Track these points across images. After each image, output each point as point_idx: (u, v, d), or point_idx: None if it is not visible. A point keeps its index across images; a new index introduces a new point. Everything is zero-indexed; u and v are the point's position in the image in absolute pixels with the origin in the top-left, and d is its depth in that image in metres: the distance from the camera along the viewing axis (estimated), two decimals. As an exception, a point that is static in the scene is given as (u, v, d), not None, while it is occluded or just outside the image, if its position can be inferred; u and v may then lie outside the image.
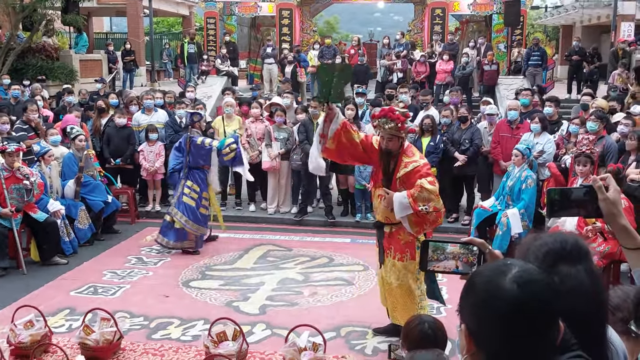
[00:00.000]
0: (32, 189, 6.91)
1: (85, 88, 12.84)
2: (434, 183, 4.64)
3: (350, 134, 4.75)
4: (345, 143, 4.75)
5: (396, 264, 4.84)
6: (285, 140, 8.92)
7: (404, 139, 4.78)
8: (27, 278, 6.66)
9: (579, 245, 1.67)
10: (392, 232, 4.86)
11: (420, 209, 4.51)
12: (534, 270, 1.34)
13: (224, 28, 19.42)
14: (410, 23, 20.65)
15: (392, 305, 4.96)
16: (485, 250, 1.68)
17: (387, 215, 4.81)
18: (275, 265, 7.13)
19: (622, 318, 2.33)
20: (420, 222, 4.62)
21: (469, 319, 1.35)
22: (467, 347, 1.35)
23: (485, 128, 8.85)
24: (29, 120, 8.84)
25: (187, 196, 7.51)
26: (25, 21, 15.12)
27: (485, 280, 1.33)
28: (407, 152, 4.77)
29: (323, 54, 16.31)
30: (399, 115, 4.65)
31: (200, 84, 16.09)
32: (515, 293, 1.27)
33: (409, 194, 4.54)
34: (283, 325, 5.19)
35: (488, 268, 1.39)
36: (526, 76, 15.67)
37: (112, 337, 4.71)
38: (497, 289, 1.29)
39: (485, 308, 1.30)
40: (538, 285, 1.30)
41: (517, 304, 1.27)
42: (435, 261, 1.71)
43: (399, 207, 4.57)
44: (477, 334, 1.33)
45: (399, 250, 4.83)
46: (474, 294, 1.34)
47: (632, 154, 6.79)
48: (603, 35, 23.66)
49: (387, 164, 4.77)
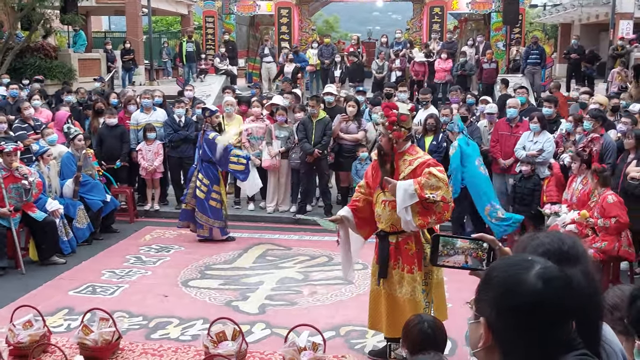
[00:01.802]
0: (30, 188, 6.89)
1: (84, 87, 12.82)
2: (443, 172, 4.29)
3: (359, 208, 4.64)
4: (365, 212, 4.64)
5: (405, 277, 4.44)
6: (286, 138, 8.93)
7: (393, 139, 4.39)
8: (26, 278, 6.65)
9: (577, 246, 1.68)
10: (398, 242, 4.46)
11: (427, 196, 4.11)
12: (555, 268, 1.38)
13: (223, 27, 19.40)
14: (408, 22, 20.63)
15: (396, 320, 4.44)
16: (495, 246, 1.68)
17: (392, 223, 4.42)
18: (274, 264, 7.12)
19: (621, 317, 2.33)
20: (425, 213, 4.21)
21: (489, 312, 1.37)
22: (485, 340, 1.37)
23: (485, 127, 8.84)
24: (26, 119, 8.84)
25: (198, 189, 7.76)
26: (23, 20, 15.10)
27: (508, 275, 1.36)
28: (411, 151, 4.45)
29: (322, 52, 16.31)
30: (391, 113, 4.37)
31: (199, 83, 16.06)
32: (539, 289, 1.31)
33: (416, 181, 4.18)
34: (282, 325, 5.18)
35: (509, 263, 1.41)
36: (525, 74, 15.66)
37: (111, 337, 4.70)
38: (520, 284, 1.33)
39: (508, 302, 1.34)
40: (560, 282, 1.34)
41: (540, 299, 1.31)
42: (445, 256, 1.73)
43: (403, 196, 4.17)
44: (496, 327, 1.35)
45: (407, 261, 4.43)
46: (495, 288, 1.37)
47: (632, 152, 6.79)
48: (602, 33, 23.67)
49: (382, 163, 4.47)
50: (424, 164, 4.32)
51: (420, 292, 4.44)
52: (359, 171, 8.66)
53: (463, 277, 1.92)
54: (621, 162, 6.98)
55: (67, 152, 7.98)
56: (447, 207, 4.25)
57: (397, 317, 4.42)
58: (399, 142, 4.39)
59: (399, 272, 4.47)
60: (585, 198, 6.40)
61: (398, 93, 10.07)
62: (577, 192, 6.55)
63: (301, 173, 8.93)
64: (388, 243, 4.49)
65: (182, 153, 9.11)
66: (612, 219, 5.87)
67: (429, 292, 4.51)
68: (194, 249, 7.69)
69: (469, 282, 1.85)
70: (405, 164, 4.39)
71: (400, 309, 4.44)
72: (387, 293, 4.54)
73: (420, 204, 4.18)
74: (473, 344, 1.42)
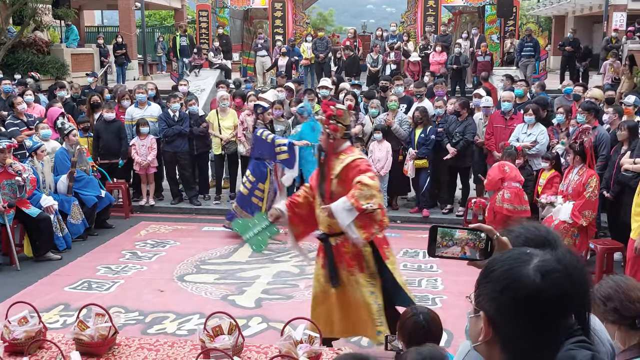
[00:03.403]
0: (24, 185, 6.87)
1: (77, 82, 12.75)
2: (374, 178, 4.22)
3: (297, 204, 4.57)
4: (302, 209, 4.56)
5: (350, 278, 4.38)
6: (282, 132, 8.90)
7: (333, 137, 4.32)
8: (21, 274, 6.64)
9: (549, 230, 1.74)
10: (337, 244, 4.39)
11: (364, 207, 4.03)
12: (552, 260, 1.38)
13: (217, 21, 19.31)
14: (403, 15, 20.58)
15: (350, 320, 4.47)
16: (493, 236, 1.69)
17: (329, 224, 4.34)
18: (270, 258, 7.12)
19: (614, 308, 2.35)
20: (366, 224, 4.15)
21: (488, 306, 1.38)
22: (485, 333, 1.38)
23: (481, 119, 8.86)
24: (19, 115, 8.79)
25: (243, 185, 7.89)
26: (15, 15, 14.99)
27: (507, 269, 1.37)
28: (348, 152, 4.37)
29: (316, 46, 16.26)
30: (328, 108, 4.32)
31: (194, 77, 16.00)
32: (538, 281, 1.32)
33: (350, 196, 4.08)
34: (279, 319, 5.20)
35: (508, 257, 1.42)
36: (519, 67, 15.68)
37: (107, 332, 4.68)
38: (519, 277, 1.34)
39: (507, 296, 1.34)
40: (559, 274, 1.35)
41: (539, 292, 1.31)
42: (444, 247, 1.72)
43: (342, 214, 4.09)
44: (496, 321, 1.36)
45: (347, 263, 4.38)
46: (494, 282, 1.38)
47: (625, 144, 6.82)
48: (595, 25, 23.70)
49: (319, 162, 4.44)
50: (356, 167, 4.23)
51: (368, 295, 4.35)
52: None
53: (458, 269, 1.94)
54: (614, 153, 7.01)
55: (61, 148, 7.95)
56: (383, 212, 4.27)
57: (354, 321, 4.43)
58: (337, 137, 4.32)
59: (345, 273, 4.42)
60: (580, 188, 6.43)
61: (394, 86, 10.05)
62: (572, 183, 6.57)
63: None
64: (330, 245, 4.42)
65: (177, 148, 9.08)
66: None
67: (378, 294, 4.39)
68: (189, 244, 7.68)
69: (463, 274, 1.85)
70: (338, 161, 4.32)
71: (359, 313, 4.40)
72: (338, 299, 4.44)
73: (360, 217, 4.11)
74: (473, 337, 1.43)
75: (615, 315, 2.36)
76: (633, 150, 6.58)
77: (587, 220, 6.42)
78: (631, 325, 2.35)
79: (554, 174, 7.29)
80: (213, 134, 9.27)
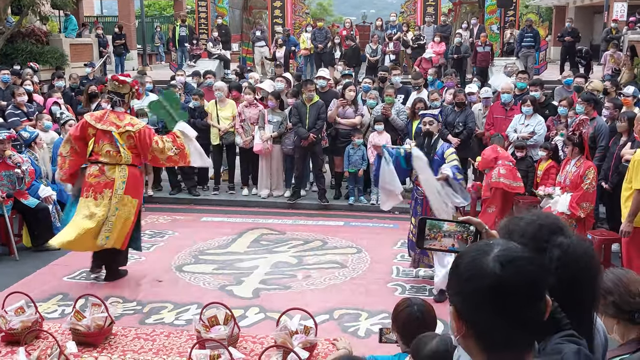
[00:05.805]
0: (23, 177, 6.88)
1: (76, 72, 12.72)
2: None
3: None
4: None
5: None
6: (279, 123, 8.88)
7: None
8: (20, 264, 6.65)
9: (558, 218, 1.78)
10: None
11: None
12: (516, 248, 1.37)
13: (216, 11, 19.20)
14: (403, 5, 20.47)
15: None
16: (482, 229, 1.68)
17: None
18: (268, 249, 7.13)
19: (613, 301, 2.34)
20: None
21: (456, 299, 1.37)
22: (458, 328, 1.37)
23: (480, 110, 8.84)
24: (19, 105, 8.78)
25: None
26: (13, 5, 14.92)
27: (468, 260, 1.36)
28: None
29: (315, 36, 16.19)
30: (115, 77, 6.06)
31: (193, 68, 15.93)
32: (497, 271, 1.30)
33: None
34: (276, 309, 5.19)
35: (471, 249, 1.41)
36: (519, 57, 15.61)
37: (104, 322, 4.71)
38: (480, 268, 1.32)
39: (469, 287, 1.33)
40: (521, 262, 1.33)
41: (500, 281, 1.29)
42: (432, 239, 1.73)
43: None
44: (464, 314, 1.35)
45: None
46: (458, 274, 1.36)
47: (624, 135, 6.80)
48: (596, 15, 23.57)
49: None
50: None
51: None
52: (351, 156, 8.67)
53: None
54: (613, 145, 6.99)
55: (59, 138, 7.94)
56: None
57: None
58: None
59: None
60: (578, 180, 6.43)
61: (392, 77, 10.02)
62: (570, 175, 6.57)
63: (295, 158, 8.90)
64: None
65: (175, 138, 9.04)
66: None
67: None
68: (188, 234, 7.69)
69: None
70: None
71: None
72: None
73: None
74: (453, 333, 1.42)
75: (614, 309, 2.35)
76: (634, 141, 6.56)
77: (584, 212, 6.43)
78: (630, 319, 2.33)
79: (550, 165, 7.30)
80: (211, 124, 9.25)
